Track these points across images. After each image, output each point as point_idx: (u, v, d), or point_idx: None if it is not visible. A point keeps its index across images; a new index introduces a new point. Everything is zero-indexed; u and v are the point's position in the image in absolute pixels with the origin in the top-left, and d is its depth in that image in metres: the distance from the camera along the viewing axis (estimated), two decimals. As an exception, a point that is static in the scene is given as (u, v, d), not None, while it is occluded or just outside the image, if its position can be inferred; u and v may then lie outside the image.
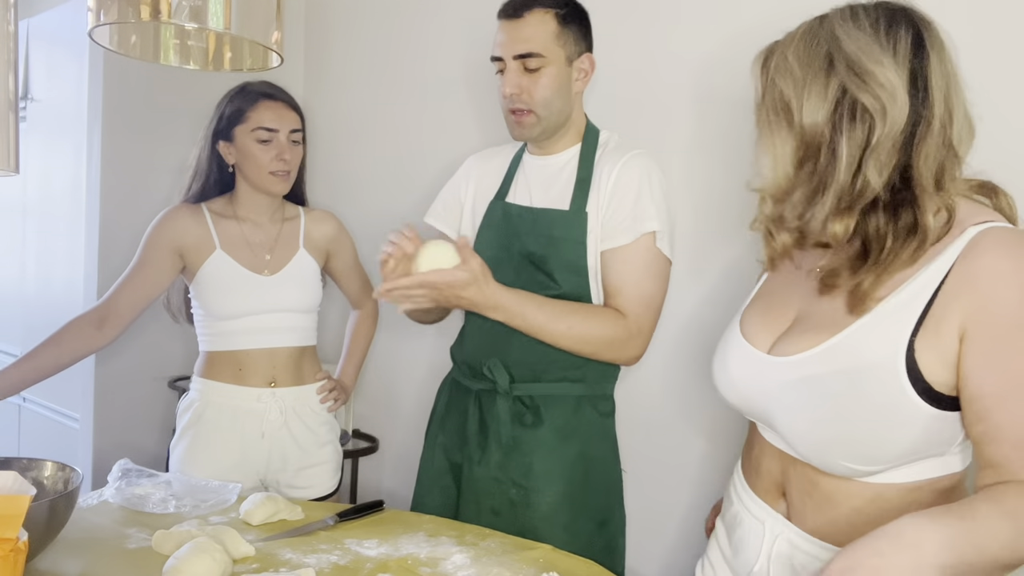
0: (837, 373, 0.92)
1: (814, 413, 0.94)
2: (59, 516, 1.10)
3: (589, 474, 1.47)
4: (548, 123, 1.44)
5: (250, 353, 1.72)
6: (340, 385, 1.87)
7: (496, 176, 1.57)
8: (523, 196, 1.51)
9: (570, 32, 1.42)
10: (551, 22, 1.40)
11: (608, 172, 1.43)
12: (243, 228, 1.74)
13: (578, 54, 1.45)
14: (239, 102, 1.69)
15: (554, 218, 1.44)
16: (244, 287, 1.70)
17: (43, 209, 2.85)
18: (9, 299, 3.06)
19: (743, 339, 1.06)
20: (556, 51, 1.41)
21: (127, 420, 2.40)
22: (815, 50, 0.92)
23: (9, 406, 2.99)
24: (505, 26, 1.42)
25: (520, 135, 1.46)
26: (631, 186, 1.41)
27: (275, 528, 1.30)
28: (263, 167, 1.68)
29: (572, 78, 1.44)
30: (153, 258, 1.70)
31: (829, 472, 0.96)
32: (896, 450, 0.90)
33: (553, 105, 1.42)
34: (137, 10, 1.05)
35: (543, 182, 1.50)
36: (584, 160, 1.47)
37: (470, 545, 1.25)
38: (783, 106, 0.94)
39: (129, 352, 2.35)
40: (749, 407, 1.06)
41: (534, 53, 1.39)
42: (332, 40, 2.53)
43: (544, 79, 1.40)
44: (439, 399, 1.63)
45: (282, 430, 1.74)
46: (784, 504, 1.04)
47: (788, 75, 0.93)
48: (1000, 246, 0.86)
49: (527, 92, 1.40)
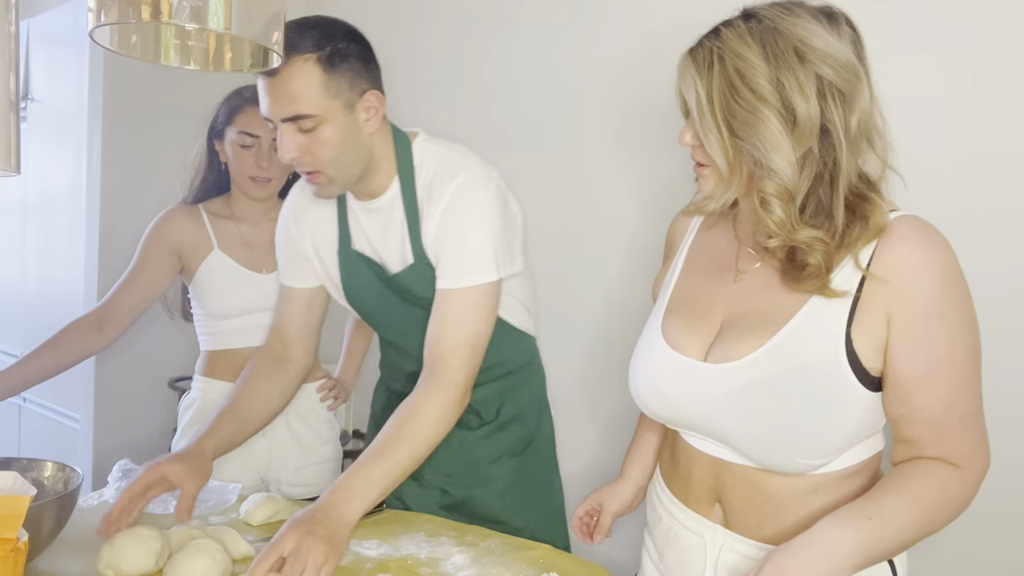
0: (785, 372, 0.92)
1: (770, 416, 0.93)
2: (59, 516, 1.10)
3: (532, 448, 1.50)
4: (344, 180, 1.28)
5: (250, 351, 1.72)
6: (340, 384, 1.87)
7: (328, 223, 1.42)
8: (365, 245, 1.39)
9: (342, 76, 1.22)
10: (316, 73, 1.20)
11: (435, 204, 1.29)
12: (240, 228, 1.75)
13: (359, 95, 1.25)
14: (231, 104, 1.71)
15: (408, 278, 1.34)
16: (242, 286, 1.71)
17: (43, 209, 2.85)
18: (9, 299, 3.06)
19: (671, 349, 1.02)
20: (329, 104, 1.21)
21: (127, 420, 2.40)
22: (778, 44, 0.89)
23: (9, 406, 2.99)
24: (264, 86, 1.23)
25: (324, 195, 1.31)
26: (460, 227, 1.28)
27: (275, 528, 1.30)
28: (243, 172, 1.69)
29: (359, 124, 1.26)
30: (151, 260, 1.71)
31: (782, 471, 0.96)
32: (844, 438, 0.93)
33: (342, 161, 1.25)
34: (138, 10, 1.05)
35: (378, 229, 1.37)
36: (407, 196, 1.32)
37: (470, 545, 1.25)
38: (762, 101, 0.89)
39: (129, 352, 2.36)
40: (683, 418, 1.03)
41: (303, 115, 1.20)
42: (332, 40, 2.53)
43: (323, 137, 1.22)
44: (375, 404, 1.63)
45: (282, 428, 1.74)
46: (719, 511, 1.03)
47: (756, 71, 0.89)
48: (914, 235, 0.89)
49: (310, 154, 1.23)
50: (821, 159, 0.90)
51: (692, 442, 1.05)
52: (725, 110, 0.91)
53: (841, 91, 0.90)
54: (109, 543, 1.10)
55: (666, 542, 1.11)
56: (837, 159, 0.90)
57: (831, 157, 0.90)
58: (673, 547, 1.09)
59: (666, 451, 1.15)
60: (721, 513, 1.03)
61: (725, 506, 1.02)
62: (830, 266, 0.91)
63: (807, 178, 0.91)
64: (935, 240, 0.90)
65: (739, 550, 1.01)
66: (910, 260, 0.89)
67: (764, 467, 0.97)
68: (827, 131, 0.90)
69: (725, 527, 1.03)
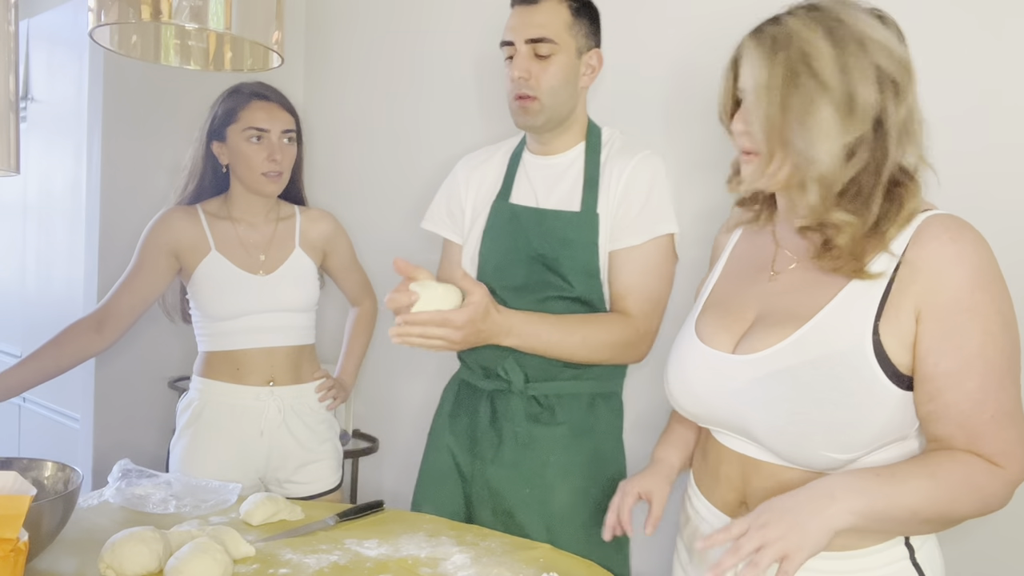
0: (809, 363, 0.93)
1: (792, 405, 0.93)
2: (59, 516, 1.10)
3: (602, 471, 1.46)
4: (553, 112, 1.42)
5: (247, 352, 1.72)
6: (339, 384, 1.87)
7: (495, 177, 1.54)
8: (527, 196, 1.48)
9: (582, 24, 1.42)
10: (565, 12, 1.39)
11: (619, 172, 1.42)
12: (238, 229, 1.75)
13: (588, 48, 1.44)
14: (232, 102, 1.70)
15: (566, 220, 1.42)
16: (239, 287, 1.71)
17: (43, 209, 2.85)
18: (9, 299, 3.06)
19: (701, 343, 1.05)
20: (568, 40, 1.40)
21: (127, 420, 2.39)
22: (842, 31, 0.92)
23: (9, 406, 2.99)
24: (519, 11, 1.41)
25: (524, 122, 1.44)
26: (642, 187, 1.41)
27: (275, 528, 1.30)
28: (254, 168, 1.68)
29: (580, 71, 1.43)
30: (149, 261, 1.71)
31: (805, 464, 0.96)
32: (871, 433, 0.92)
33: (559, 95, 1.41)
34: (138, 10, 1.05)
35: (548, 182, 1.47)
36: (590, 159, 1.45)
37: (470, 545, 1.25)
38: (823, 87, 0.91)
39: (129, 353, 2.35)
40: (711, 412, 1.04)
41: (546, 39, 1.38)
42: (332, 40, 2.53)
43: (553, 67, 1.39)
44: (445, 399, 1.60)
45: (281, 428, 1.74)
46: (745, 512, 1.02)
47: (823, 56, 0.91)
48: (944, 232, 0.90)
49: (535, 78, 1.39)
50: (872, 147, 0.93)
51: (721, 439, 1.06)
52: (784, 95, 0.93)
53: (896, 83, 0.92)
54: (110, 543, 1.10)
55: (693, 542, 1.11)
56: (887, 148, 0.92)
57: (881, 146, 0.93)
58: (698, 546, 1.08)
59: (698, 451, 1.16)
60: (747, 513, 1.02)
61: (751, 505, 1.02)
62: (857, 250, 0.93)
63: (854, 166, 0.93)
64: (968, 236, 0.90)
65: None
66: (940, 255, 0.89)
67: (788, 460, 0.97)
68: (880, 121, 0.92)
69: None
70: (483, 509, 1.48)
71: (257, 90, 1.72)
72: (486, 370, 1.49)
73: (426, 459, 1.60)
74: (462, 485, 1.52)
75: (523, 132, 1.53)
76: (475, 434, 1.50)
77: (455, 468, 1.53)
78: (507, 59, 1.43)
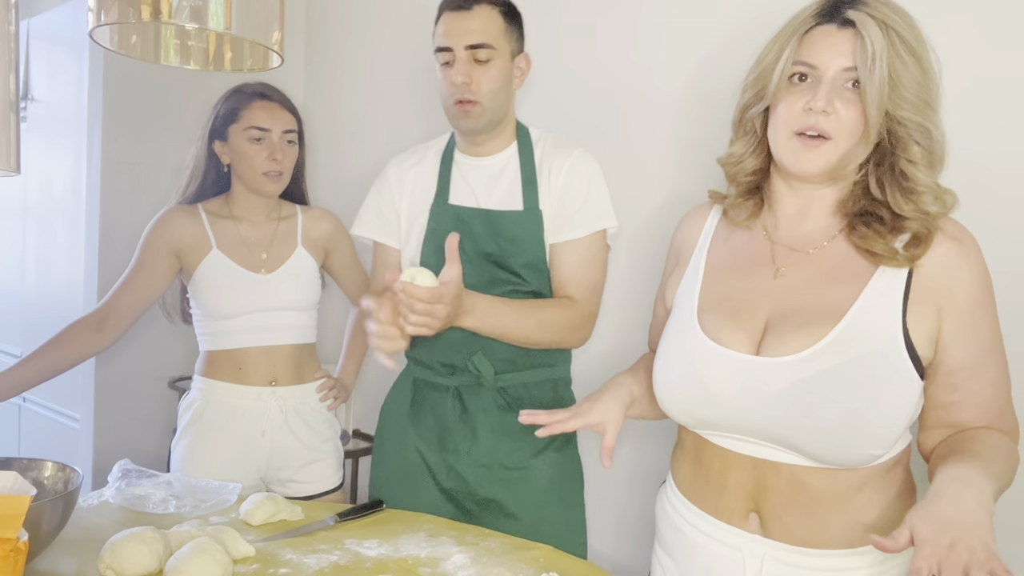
0: (853, 361, 0.93)
1: (838, 407, 0.93)
2: (59, 516, 1.10)
3: (571, 452, 1.56)
4: (492, 115, 1.46)
5: (249, 352, 1.72)
6: (340, 383, 1.87)
7: (428, 179, 1.56)
8: (467, 197, 1.51)
9: (513, 28, 1.47)
10: (498, 17, 1.44)
11: (557, 169, 1.48)
12: (239, 227, 1.75)
13: (518, 51, 1.50)
14: (233, 102, 1.71)
15: (511, 219, 1.47)
16: (240, 286, 1.71)
17: (43, 209, 2.85)
18: (9, 299, 3.06)
19: (718, 345, 1.01)
20: (503, 45, 1.45)
21: (127, 420, 2.40)
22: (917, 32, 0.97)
23: (9, 406, 2.99)
24: (453, 17, 1.44)
25: (467, 126, 1.47)
26: (582, 183, 1.47)
27: (275, 528, 1.30)
28: (255, 167, 1.69)
29: (513, 75, 1.49)
30: (150, 260, 1.71)
31: (845, 464, 0.95)
32: (905, 424, 0.96)
33: (498, 97, 1.45)
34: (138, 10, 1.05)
35: (486, 182, 1.51)
36: (525, 159, 1.51)
37: (470, 545, 1.25)
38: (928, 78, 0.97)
39: (129, 352, 2.36)
40: (731, 418, 1.00)
41: (485, 44, 1.42)
42: (332, 40, 2.53)
43: (492, 71, 1.44)
44: (399, 399, 1.60)
45: (283, 429, 1.74)
46: (755, 520, 1.01)
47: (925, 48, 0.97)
48: (953, 235, 0.97)
49: (476, 83, 1.43)
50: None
51: (728, 445, 1.03)
52: (896, 78, 0.95)
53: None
54: (110, 544, 1.10)
55: (690, 556, 1.07)
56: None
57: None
58: (700, 561, 1.06)
59: (684, 462, 1.12)
60: (758, 521, 1.01)
61: (764, 512, 1.00)
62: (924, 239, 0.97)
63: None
64: (970, 238, 0.98)
65: (782, 559, 0.99)
66: (953, 256, 0.96)
67: (824, 462, 0.96)
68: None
69: (763, 536, 1.01)
70: (465, 500, 1.51)
71: (259, 90, 1.72)
72: (449, 367, 1.52)
73: (389, 460, 1.59)
74: (433, 481, 1.53)
75: (449, 132, 1.58)
76: (444, 430, 1.52)
77: (424, 465, 1.54)
78: (443, 64, 1.46)
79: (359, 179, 2.43)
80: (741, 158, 1.09)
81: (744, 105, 1.06)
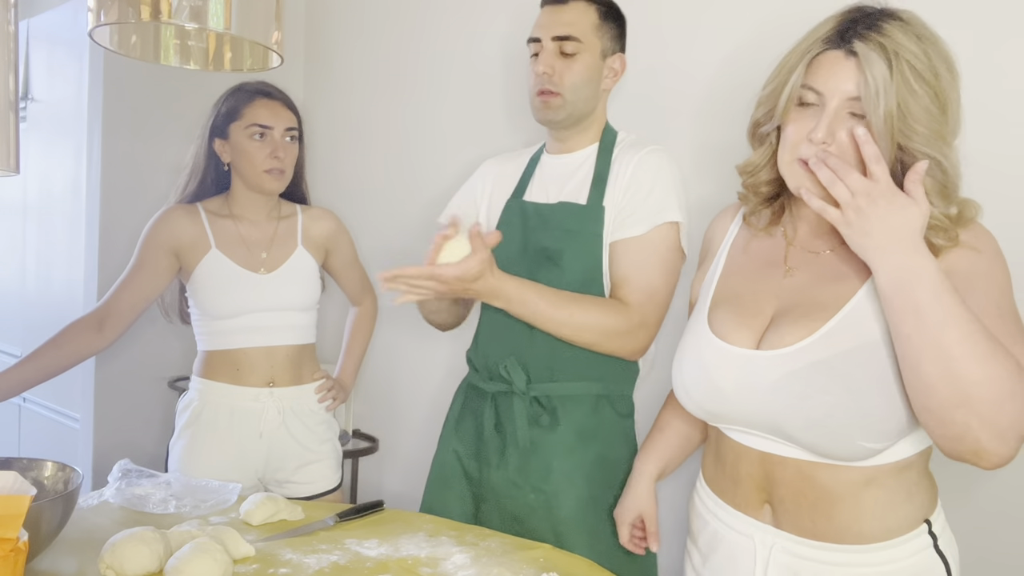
0: (846, 352, 0.94)
1: (829, 398, 0.94)
2: (59, 516, 1.10)
3: (609, 476, 1.43)
4: (573, 109, 1.44)
5: (248, 352, 1.72)
6: (339, 384, 1.87)
7: (513, 177, 1.57)
8: (540, 194, 1.51)
9: (608, 27, 1.45)
10: (593, 13, 1.43)
11: (625, 165, 1.43)
12: (239, 227, 1.75)
13: (612, 51, 1.47)
14: (235, 100, 1.71)
15: (569, 211, 1.44)
16: (240, 285, 1.70)
17: (43, 209, 2.85)
18: (9, 299, 3.06)
19: (720, 340, 1.04)
20: (593, 41, 1.43)
21: (127, 420, 2.40)
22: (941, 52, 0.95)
23: (9, 406, 2.99)
24: (548, 10, 1.45)
25: (545, 117, 1.45)
26: (647, 177, 1.41)
27: (275, 528, 1.30)
28: (257, 165, 1.68)
29: (602, 73, 1.47)
30: (149, 259, 1.71)
31: (840, 457, 0.96)
32: (902, 419, 0.94)
33: (581, 92, 1.43)
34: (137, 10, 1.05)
35: (560, 179, 1.50)
36: (602, 157, 1.47)
37: (470, 545, 1.25)
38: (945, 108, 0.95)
39: (129, 352, 2.36)
40: (735, 410, 1.03)
41: (573, 37, 1.41)
42: (332, 40, 2.53)
43: (577, 65, 1.42)
44: (454, 403, 1.60)
45: (280, 430, 1.74)
46: (768, 511, 1.04)
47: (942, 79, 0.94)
48: (970, 244, 0.95)
49: (559, 74, 1.42)
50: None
51: (739, 438, 1.06)
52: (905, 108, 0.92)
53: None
54: (110, 544, 1.10)
55: (712, 547, 1.10)
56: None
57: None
58: (720, 551, 1.09)
59: (709, 454, 1.15)
60: (771, 512, 1.04)
61: (775, 504, 1.03)
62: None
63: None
64: (989, 244, 0.96)
65: (790, 549, 1.01)
66: (965, 263, 0.94)
67: (822, 454, 0.97)
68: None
69: (775, 527, 1.03)
70: (491, 514, 1.47)
71: (261, 88, 1.72)
72: (490, 371, 1.49)
73: (435, 463, 1.59)
74: (470, 489, 1.51)
75: (543, 140, 1.56)
76: (480, 439, 1.49)
77: (462, 472, 1.52)
78: (533, 55, 1.46)
79: (359, 179, 2.44)
80: (757, 168, 1.10)
81: (756, 121, 1.07)
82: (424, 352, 2.27)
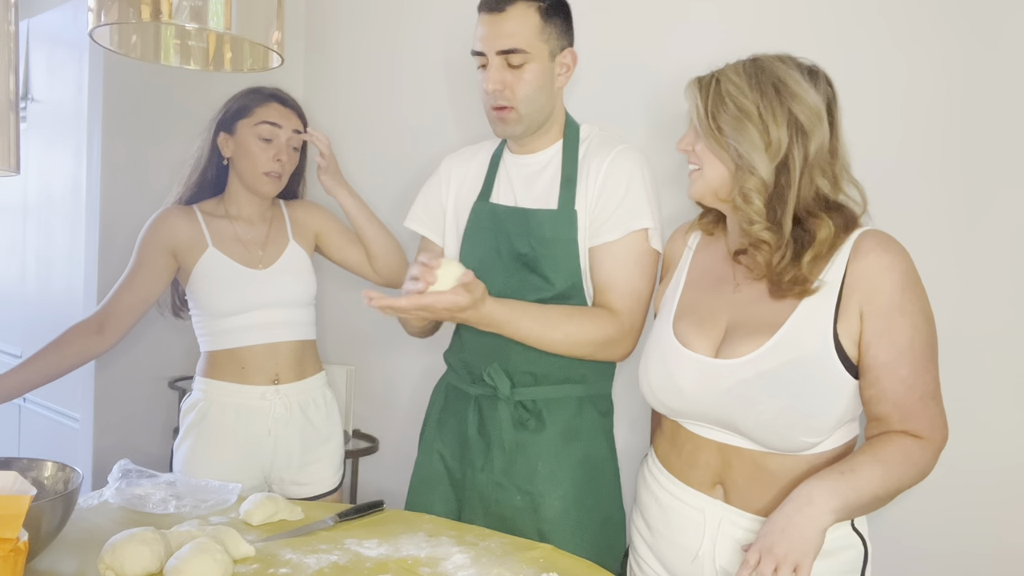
0: (787, 363, 1.09)
1: (776, 401, 1.08)
2: (59, 516, 1.10)
3: (593, 475, 1.45)
4: (531, 120, 1.42)
5: (251, 350, 1.72)
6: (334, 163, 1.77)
7: (477, 176, 1.54)
8: (507, 196, 1.48)
9: (553, 27, 1.40)
10: (534, 16, 1.37)
11: (596, 167, 1.41)
12: (235, 226, 1.75)
13: (560, 49, 1.42)
14: (248, 99, 1.72)
15: (543, 218, 1.41)
16: (239, 282, 1.71)
17: (43, 209, 2.85)
18: (9, 299, 3.06)
19: (684, 348, 1.18)
20: (539, 47, 1.38)
21: (127, 420, 2.40)
22: (763, 78, 1.12)
23: (9, 406, 2.99)
24: (487, 20, 1.39)
25: (503, 132, 1.44)
26: (620, 181, 1.40)
27: (275, 528, 1.30)
28: (258, 165, 1.69)
29: (555, 73, 1.42)
30: (148, 261, 1.71)
31: (784, 450, 1.11)
32: (836, 417, 1.09)
33: (535, 102, 1.40)
34: (138, 10, 1.05)
35: (526, 180, 1.47)
36: (568, 157, 1.44)
37: (470, 545, 1.25)
38: (748, 117, 1.11)
39: (129, 353, 2.36)
40: (697, 409, 1.17)
41: (517, 49, 1.36)
42: (332, 40, 2.53)
43: (527, 75, 1.38)
44: (434, 403, 1.60)
45: (288, 426, 1.75)
46: (720, 490, 1.17)
47: (743, 93, 1.11)
48: (877, 246, 1.09)
49: (510, 88, 1.38)
50: (777, 179, 1.11)
51: (698, 431, 1.19)
52: (717, 118, 1.13)
53: (802, 128, 1.10)
54: (110, 544, 1.10)
55: (663, 519, 1.23)
56: (790, 181, 1.10)
57: (785, 179, 1.11)
58: (671, 523, 1.22)
59: (664, 439, 1.28)
60: (723, 492, 1.17)
61: (728, 486, 1.17)
62: (783, 274, 1.10)
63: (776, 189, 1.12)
64: (895, 248, 1.09)
65: (737, 522, 1.15)
66: (874, 266, 1.08)
67: (769, 448, 1.12)
68: (786, 157, 1.11)
69: (725, 503, 1.17)
70: (474, 515, 1.47)
71: (276, 93, 1.75)
72: (472, 375, 1.49)
73: (418, 464, 1.59)
74: (454, 490, 1.52)
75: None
76: (464, 441, 1.49)
77: (446, 473, 1.53)
78: (479, 67, 1.42)
79: (359, 179, 2.43)
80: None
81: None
82: (424, 352, 2.27)
